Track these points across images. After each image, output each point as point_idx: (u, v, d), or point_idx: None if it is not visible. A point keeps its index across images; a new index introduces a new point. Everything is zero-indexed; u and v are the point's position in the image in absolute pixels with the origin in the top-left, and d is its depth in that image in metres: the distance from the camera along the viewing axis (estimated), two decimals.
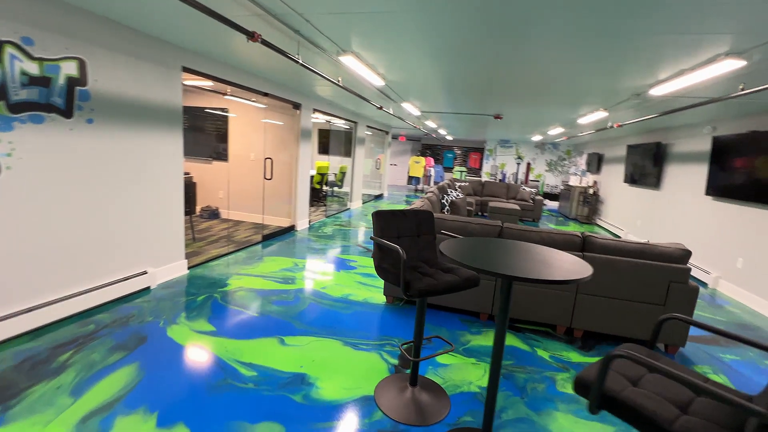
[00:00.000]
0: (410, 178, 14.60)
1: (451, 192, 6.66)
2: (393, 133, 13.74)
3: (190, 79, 4.21)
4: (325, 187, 8.99)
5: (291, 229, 6.17)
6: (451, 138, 14.36)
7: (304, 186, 6.35)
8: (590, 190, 9.52)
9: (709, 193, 5.10)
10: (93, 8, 2.66)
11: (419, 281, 1.85)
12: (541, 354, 2.81)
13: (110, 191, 3.05)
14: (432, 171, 14.94)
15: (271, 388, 2.19)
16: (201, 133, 6.36)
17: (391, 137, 12.51)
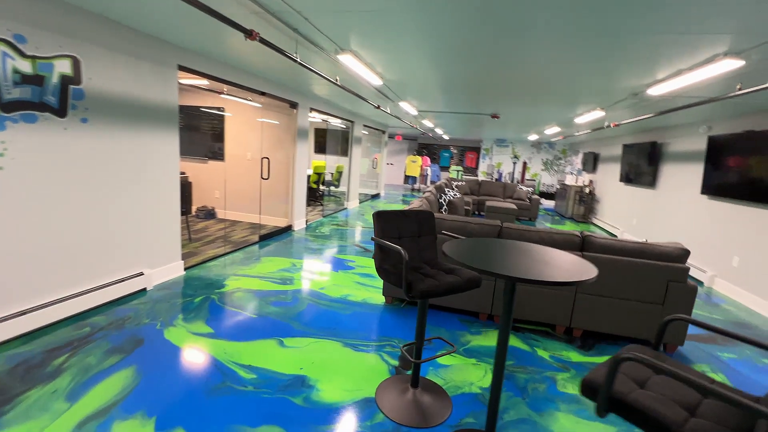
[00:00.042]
0: (407, 177, 14.59)
1: (448, 191, 6.66)
2: (390, 133, 13.71)
3: (186, 78, 4.16)
4: (321, 187, 8.95)
5: (288, 229, 6.13)
6: (447, 137, 14.36)
7: (301, 185, 6.31)
8: (586, 190, 9.56)
9: (705, 192, 5.14)
10: (87, 5, 2.61)
11: (421, 282, 1.83)
12: (541, 354, 2.80)
13: (105, 191, 3.01)
14: (428, 170, 14.94)
15: (271, 390, 2.16)
16: (197, 133, 6.30)
17: (388, 136, 12.47)
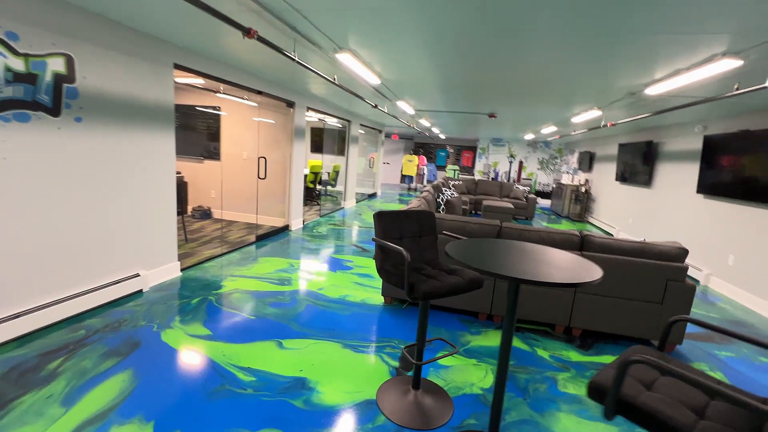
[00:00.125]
0: (403, 176, 14.57)
1: (446, 191, 6.65)
2: (386, 132, 13.68)
3: (181, 77, 4.11)
4: (318, 186, 8.92)
5: (285, 229, 6.09)
6: (444, 136, 14.36)
7: (298, 185, 6.27)
8: (582, 189, 9.60)
9: (701, 192, 5.17)
10: (81, 3, 2.56)
11: (424, 284, 1.81)
12: (541, 354, 2.80)
13: (100, 191, 2.96)
14: (425, 169, 14.94)
15: (271, 393, 2.14)
16: (193, 132, 6.24)
17: (384, 136, 12.45)
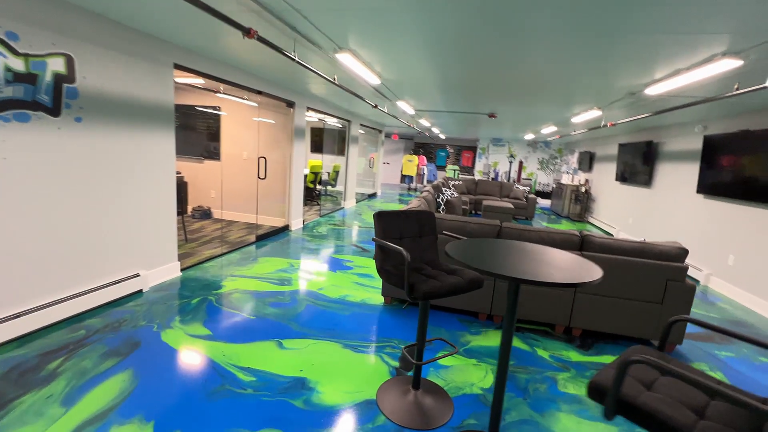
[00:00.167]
0: (403, 176, 14.57)
1: (446, 191, 6.65)
2: (386, 132, 13.68)
3: (181, 77, 4.11)
4: (318, 186, 8.91)
5: (285, 229, 6.09)
6: (444, 136, 14.36)
7: (298, 185, 6.27)
8: (582, 189, 9.60)
9: (700, 192, 5.17)
10: (81, 3, 2.56)
11: (424, 284, 1.81)
12: (541, 354, 2.80)
13: (101, 191, 2.96)
14: (425, 169, 14.94)
15: (271, 393, 2.14)
16: (192, 132, 6.24)
17: (384, 136, 12.45)
